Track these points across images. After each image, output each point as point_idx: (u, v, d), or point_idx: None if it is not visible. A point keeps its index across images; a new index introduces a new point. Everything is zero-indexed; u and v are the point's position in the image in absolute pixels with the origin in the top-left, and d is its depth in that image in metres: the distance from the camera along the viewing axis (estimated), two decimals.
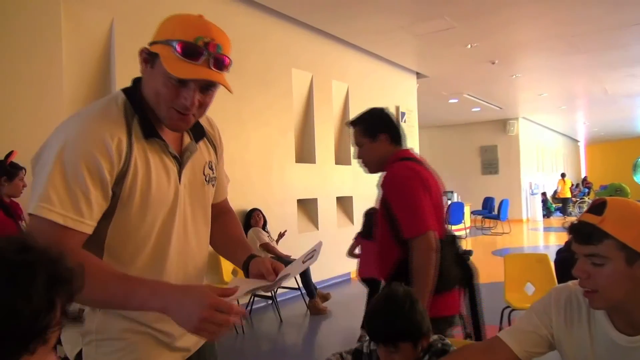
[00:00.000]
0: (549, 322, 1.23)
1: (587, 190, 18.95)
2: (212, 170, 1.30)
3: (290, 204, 6.00)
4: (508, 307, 3.39)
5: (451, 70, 8.85)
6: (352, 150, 2.20)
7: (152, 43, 1.10)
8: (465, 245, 8.44)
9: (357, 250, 4.34)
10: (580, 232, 1.12)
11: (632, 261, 1.06)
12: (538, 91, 11.12)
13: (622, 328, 1.14)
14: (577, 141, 22.93)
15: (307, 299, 5.18)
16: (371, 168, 2.16)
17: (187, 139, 1.23)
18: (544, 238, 11.41)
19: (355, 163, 7.22)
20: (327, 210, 6.59)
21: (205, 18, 1.11)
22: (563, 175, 16.80)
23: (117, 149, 1.07)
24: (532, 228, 13.33)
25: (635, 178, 20.93)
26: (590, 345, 1.19)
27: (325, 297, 5.34)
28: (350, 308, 5.40)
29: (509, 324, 3.37)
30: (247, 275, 1.27)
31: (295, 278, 5.07)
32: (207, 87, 1.11)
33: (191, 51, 1.05)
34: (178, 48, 1.04)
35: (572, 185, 17.53)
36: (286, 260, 5.04)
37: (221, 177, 1.39)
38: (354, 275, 7.06)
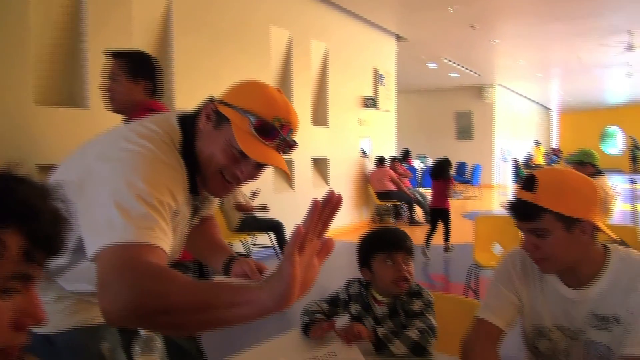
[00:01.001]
0: (515, 289, 1.30)
1: (556, 158, 19.46)
2: (205, 207, 1.29)
3: None
4: (476, 265, 3.53)
5: (431, 34, 8.80)
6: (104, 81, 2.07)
7: (224, 103, 1.05)
8: None
9: None
10: (519, 212, 1.18)
11: (571, 227, 1.13)
12: (516, 58, 11.19)
13: (569, 283, 1.23)
14: (550, 110, 23.33)
15: (282, 258, 5.25)
16: (115, 106, 2.06)
17: None
18: None
19: (333, 125, 7.27)
20: (303, 171, 6.61)
21: (283, 94, 1.08)
22: (537, 142, 17.17)
23: (179, 193, 1.03)
24: (501, 193, 13.68)
25: (602, 147, 21.57)
26: (543, 299, 1.27)
27: None
28: (323, 266, 5.50)
29: (476, 282, 3.52)
30: (226, 276, 1.28)
31: (269, 236, 5.13)
32: (263, 165, 1.08)
33: (267, 131, 1.02)
34: (255, 124, 1.01)
35: (545, 152, 17.99)
36: (268, 220, 5.06)
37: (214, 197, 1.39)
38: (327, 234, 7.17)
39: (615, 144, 22.37)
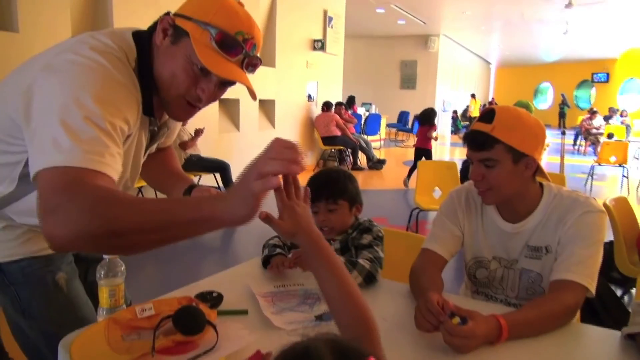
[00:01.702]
0: (458, 222, 1.41)
1: None
2: (164, 134, 1.24)
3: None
4: (417, 208, 3.71)
5: None
6: None
7: (181, 16, 0.97)
8: (379, 155, 8.84)
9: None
10: (475, 141, 1.26)
11: (517, 160, 1.24)
12: (462, 8, 11.30)
13: (507, 217, 1.35)
14: (489, 63, 24.01)
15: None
16: None
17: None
18: (450, 152, 12.25)
19: (280, 66, 7.11)
20: (249, 111, 6.51)
21: (245, 7, 1.00)
22: (473, 95, 17.73)
23: (132, 116, 0.96)
24: (440, 143, 14.17)
25: (534, 102, 22.68)
26: (483, 233, 1.39)
27: None
28: (267, 205, 5.56)
29: (417, 223, 3.72)
30: None
31: (214, 176, 5.09)
32: (226, 84, 1.02)
33: (229, 45, 0.96)
34: (216, 38, 0.94)
35: (482, 105, 18.66)
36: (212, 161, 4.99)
37: (175, 126, 1.34)
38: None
39: (546, 100, 23.59)
